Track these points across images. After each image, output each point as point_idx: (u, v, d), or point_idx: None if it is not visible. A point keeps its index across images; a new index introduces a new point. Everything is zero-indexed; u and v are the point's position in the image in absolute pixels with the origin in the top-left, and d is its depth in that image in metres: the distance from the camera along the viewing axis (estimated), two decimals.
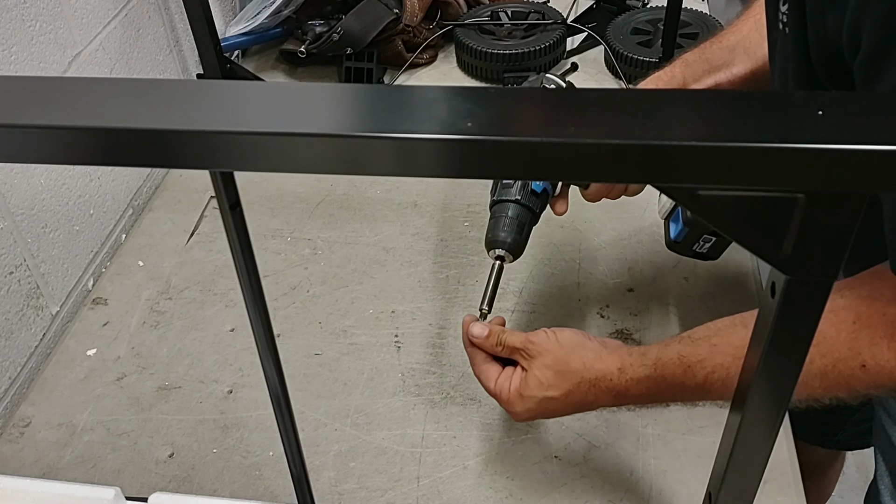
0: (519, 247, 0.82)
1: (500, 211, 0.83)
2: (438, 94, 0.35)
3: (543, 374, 0.74)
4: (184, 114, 0.35)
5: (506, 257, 0.82)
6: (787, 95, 0.32)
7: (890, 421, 0.92)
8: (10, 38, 0.92)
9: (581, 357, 0.74)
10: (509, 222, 0.82)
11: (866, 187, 0.31)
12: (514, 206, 0.83)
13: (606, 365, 0.73)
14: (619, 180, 0.31)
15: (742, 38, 0.95)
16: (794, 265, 0.34)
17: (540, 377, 0.74)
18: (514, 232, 0.82)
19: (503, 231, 0.82)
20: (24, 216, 0.95)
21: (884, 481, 0.96)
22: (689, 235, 0.83)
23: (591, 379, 0.72)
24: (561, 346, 0.75)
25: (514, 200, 0.83)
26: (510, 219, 0.82)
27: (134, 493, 0.74)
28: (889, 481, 0.95)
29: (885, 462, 0.96)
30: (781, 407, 0.40)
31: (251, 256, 0.46)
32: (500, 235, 0.82)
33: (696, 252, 0.84)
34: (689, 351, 0.70)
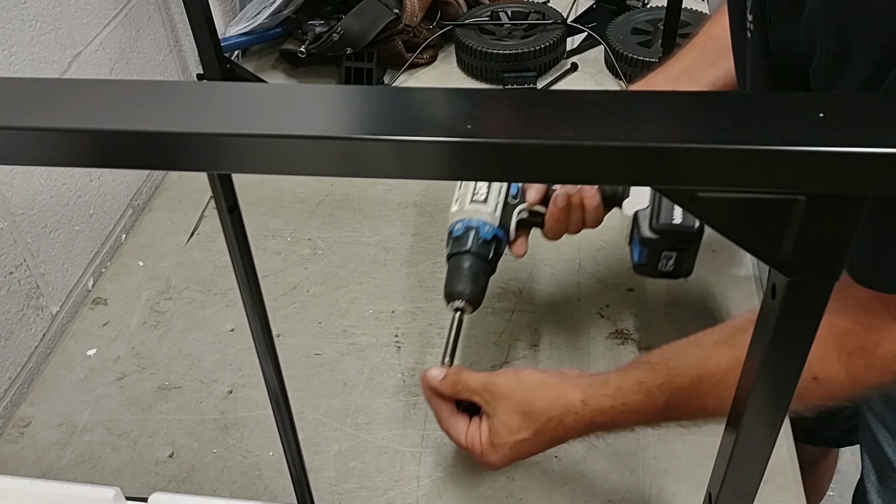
0: (477, 297, 0.83)
1: (456, 263, 0.84)
2: (438, 96, 0.35)
3: (511, 419, 0.74)
4: (180, 116, 0.35)
5: (465, 308, 0.82)
6: (787, 97, 0.32)
7: (875, 420, 0.93)
8: (10, 38, 0.92)
9: (544, 395, 0.74)
10: (466, 273, 0.83)
11: (866, 189, 0.31)
12: (469, 257, 0.83)
13: (570, 399, 0.73)
14: (618, 182, 0.31)
15: (687, 67, 0.95)
16: (794, 267, 0.34)
17: (508, 422, 0.74)
18: (472, 283, 0.82)
19: (461, 283, 0.82)
20: (24, 216, 0.95)
21: (870, 479, 0.97)
22: (649, 256, 0.83)
23: (558, 415, 0.73)
24: (523, 387, 0.75)
25: (468, 251, 0.84)
26: (466, 270, 0.83)
27: (134, 493, 0.74)
28: (875, 479, 0.96)
29: (870, 460, 0.96)
30: (782, 408, 0.40)
31: (250, 259, 0.46)
32: (458, 287, 0.82)
33: (662, 272, 0.83)
34: (647, 376, 0.71)
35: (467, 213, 0.85)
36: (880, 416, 0.92)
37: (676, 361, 0.70)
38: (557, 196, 0.85)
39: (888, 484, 0.94)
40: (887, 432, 0.92)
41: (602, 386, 0.72)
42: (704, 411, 0.69)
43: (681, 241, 0.81)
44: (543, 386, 0.74)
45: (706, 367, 0.69)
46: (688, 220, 0.81)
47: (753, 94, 0.32)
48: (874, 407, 0.93)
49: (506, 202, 0.87)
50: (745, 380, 0.41)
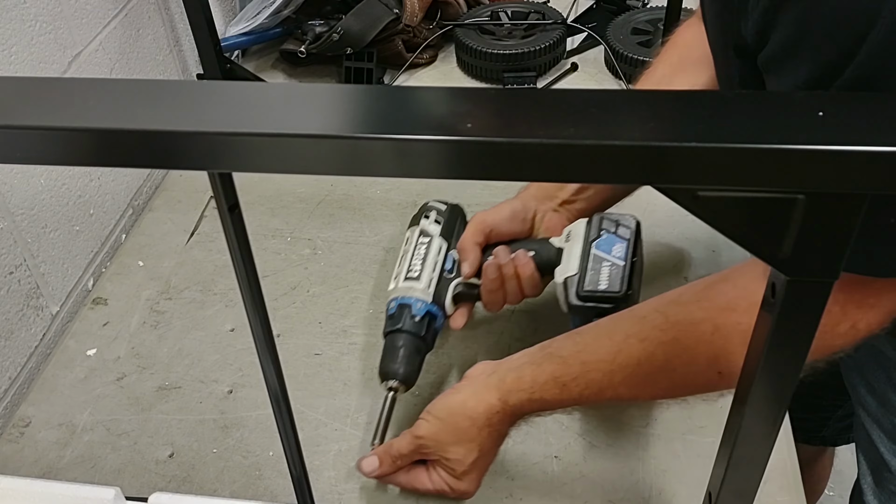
0: (411, 377, 0.83)
1: (390, 342, 0.84)
2: (438, 95, 0.35)
3: (454, 451, 0.76)
4: (181, 115, 0.35)
5: (398, 388, 0.82)
6: (787, 96, 0.32)
7: (870, 420, 0.93)
8: (10, 38, 0.92)
9: (463, 414, 0.76)
10: (400, 353, 0.83)
11: (866, 188, 0.31)
12: (402, 335, 0.84)
13: (487, 403, 0.76)
14: (619, 181, 0.31)
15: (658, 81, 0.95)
16: (793, 266, 0.34)
17: (455, 456, 0.76)
18: (405, 363, 0.83)
19: (395, 362, 0.83)
20: (24, 216, 0.95)
21: (866, 480, 0.97)
22: (582, 322, 0.83)
23: (484, 422, 0.75)
24: (443, 421, 0.77)
25: (401, 330, 0.84)
26: (400, 349, 0.83)
27: (134, 493, 0.74)
28: (871, 480, 0.96)
29: (866, 461, 0.97)
30: (782, 407, 0.40)
31: (250, 258, 0.46)
32: (392, 367, 0.83)
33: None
34: (561, 371, 0.74)
35: (401, 291, 0.86)
36: (875, 416, 0.92)
37: (588, 356, 0.73)
38: (487, 267, 0.86)
39: (884, 485, 0.94)
40: (882, 433, 0.92)
41: (517, 381, 0.75)
42: (618, 399, 0.74)
43: (607, 306, 0.81)
44: (457, 406, 0.77)
45: (618, 361, 0.71)
46: (613, 285, 0.81)
47: (753, 93, 0.32)
48: (868, 407, 0.93)
49: (441, 277, 0.88)
50: (745, 378, 0.41)
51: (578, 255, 0.84)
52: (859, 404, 0.95)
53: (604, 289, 0.81)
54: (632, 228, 0.85)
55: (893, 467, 0.91)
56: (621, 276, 0.82)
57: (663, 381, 0.71)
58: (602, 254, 0.83)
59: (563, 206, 0.93)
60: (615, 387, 0.72)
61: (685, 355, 0.68)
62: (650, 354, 0.70)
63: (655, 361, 0.70)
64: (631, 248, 0.84)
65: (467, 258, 0.87)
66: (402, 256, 0.90)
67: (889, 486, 0.93)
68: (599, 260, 0.83)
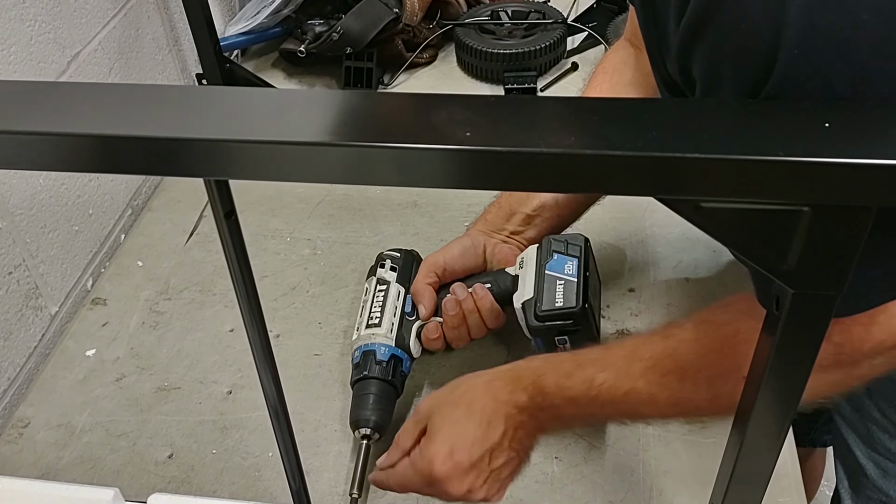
0: (384, 422, 0.83)
1: (359, 390, 0.84)
2: (437, 102, 0.34)
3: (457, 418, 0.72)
4: (176, 122, 0.35)
5: (371, 436, 0.82)
6: (793, 106, 0.32)
7: (845, 425, 0.93)
8: (9, 38, 0.92)
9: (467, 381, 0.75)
10: (371, 399, 0.83)
11: (872, 201, 0.31)
12: (370, 382, 0.84)
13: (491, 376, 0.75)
14: (619, 192, 0.31)
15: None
16: (799, 279, 0.34)
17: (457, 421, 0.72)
18: (376, 409, 0.83)
19: (366, 409, 0.83)
20: (23, 216, 0.95)
21: (843, 485, 0.97)
22: (545, 343, 0.85)
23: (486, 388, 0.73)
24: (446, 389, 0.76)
25: (368, 377, 0.84)
26: (371, 396, 0.83)
27: (133, 494, 0.74)
28: (847, 485, 0.96)
29: (843, 466, 0.97)
30: (786, 421, 0.40)
31: (247, 265, 0.46)
32: (364, 414, 0.82)
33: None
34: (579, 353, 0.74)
35: (363, 339, 0.87)
36: (850, 421, 0.92)
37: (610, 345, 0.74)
38: (446, 303, 0.86)
39: (861, 490, 0.94)
40: (857, 437, 0.92)
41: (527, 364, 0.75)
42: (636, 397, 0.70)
43: (567, 322, 0.83)
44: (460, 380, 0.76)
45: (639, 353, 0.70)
46: (569, 301, 0.82)
47: (758, 102, 0.31)
48: (844, 413, 0.93)
49: (402, 320, 0.88)
50: (748, 392, 0.41)
51: (533, 278, 0.86)
52: (835, 410, 0.95)
53: (560, 305, 0.83)
54: (580, 245, 0.87)
55: (869, 472, 0.91)
56: (576, 292, 0.83)
57: (686, 383, 0.68)
58: (555, 273, 0.85)
59: (512, 237, 0.93)
60: (634, 378, 0.69)
61: (708, 356, 0.67)
62: (672, 350, 0.68)
63: (678, 358, 0.68)
64: (582, 263, 0.86)
65: (422, 300, 0.88)
66: (361, 308, 0.90)
67: (866, 492, 0.93)
68: (553, 280, 0.84)
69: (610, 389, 0.70)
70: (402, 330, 0.88)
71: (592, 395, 0.70)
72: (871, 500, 0.93)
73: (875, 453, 0.90)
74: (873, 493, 0.92)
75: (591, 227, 1.08)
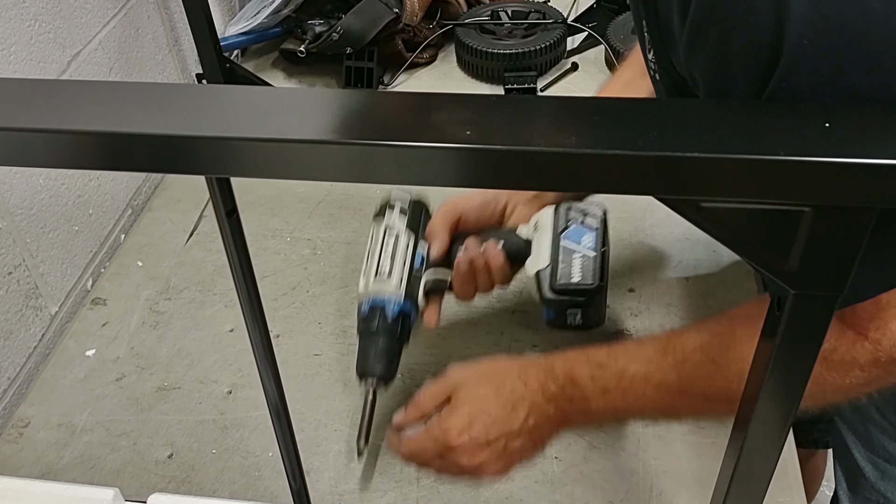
0: (390, 374, 0.84)
1: (365, 343, 0.85)
2: (438, 101, 0.34)
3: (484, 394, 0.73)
4: (179, 119, 0.35)
5: (378, 385, 0.83)
6: (794, 107, 0.32)
7: (844, 426, 0.93)
8: (10, 37, 0.92)
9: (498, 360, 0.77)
10: (377, 353, 0.84)
11: (874, 202, 0.31)
12: (377, 337, 0.84)
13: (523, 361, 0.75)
14: (620, 191, 0.31)
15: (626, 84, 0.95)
16: (800, 280, 0.34)
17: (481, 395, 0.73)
18: (382, 361, 0.83)
19: (373, 361, 0.83)
20: (23, 216, 0.95)
21: (842, 486, 0.97)
22: (556, 314, 0.84)
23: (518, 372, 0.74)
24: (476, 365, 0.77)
25: (376, 332, 0.84)
26: (378, 349, 0.83)
27: (133, 493, 0.74)
28: (846, 486, 0.96)
29: (841, 467, 0.96)
30: (787, 421, 0.40)
31: (248, 263, 0.46)
32: (369, 365, 0.83)
33: (573, 325, 0.84)
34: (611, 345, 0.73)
35: (372, 292, 0.85)
36: (849, 422, 0.92)
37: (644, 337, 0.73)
38: (459, 262, 0.86)
39: (859, 491, 0.94)
40: (856, 438, 0.91)
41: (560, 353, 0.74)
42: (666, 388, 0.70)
43: (581, 298, 0.82)
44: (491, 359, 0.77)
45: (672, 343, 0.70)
46: (586, 278, 0.81)
47: (760, 103, 0.31)
48: (843, 414, 0.93)
49: (410, 274, 0.87)
50: (749, 394, 0.41)
51: (548, 246, 0.84)
52: (835, 411, 0.95)
53: (577, 282, 0.81)
54: (599, 217, 0.85)
55: (868, 473, 0.91)
56: (593, 269, 0.82)
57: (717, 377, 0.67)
58: (572, 245, 0.83)
59: (535, 199, 0.92)
60: (665, 371, 0.69)
61: (740, 347, 0.66)
62: (705, 343, 0.67)
63: (710, 351, 0.67)
64: (600, 238, 0.83)
65: (436, 242, 0.87)
66: (369, 253, 0.89)
67: (864, 493, 0.93)
68: (570, 252, 0.82)
69: (641, 382, 0.70)
70: (410, 283, 0.86)
71: (624, 388, 0.70)
72: (868, 501, 0.93)
73: (874, 455, 0.90)
74: (871, 494, 0.92)
75: None
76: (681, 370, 0.68)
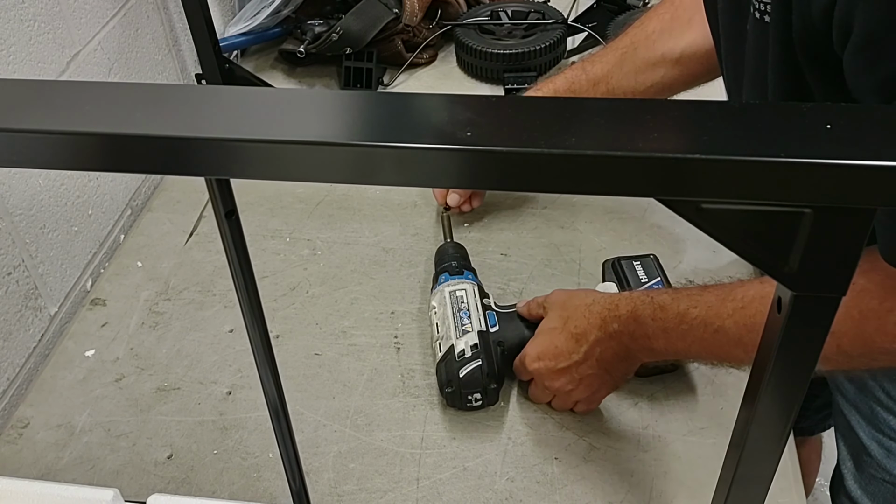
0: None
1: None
2: (438, 102, 0.34)
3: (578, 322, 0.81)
4: (178, 120, 0.35)
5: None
6: (794, 108, 0.31)
7: (848, 405, 0.93)
8: (9, 38, 0.92)
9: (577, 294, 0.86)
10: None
11: (875, 203, 0.31)
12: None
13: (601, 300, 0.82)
14: (620, 193, 0.31)
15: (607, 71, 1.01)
16: (800, 281, 0.34)
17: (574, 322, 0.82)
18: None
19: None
20: (22, 216, 0.95)
21: (846, 465, 0.97)
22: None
23: (599, 312, 0.80)
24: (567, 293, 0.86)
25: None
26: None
27: (133, 494, 0.74)
28: (851, 465, 0.97)
29: (846, 446, 0.97)
30: (788, 423, 0.40)
31: (248, 264, 0.46)
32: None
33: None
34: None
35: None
36: (853, 401, 0.93)
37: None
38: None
39: (864, 469, 0.94)
40: (861, 417, 0.92)
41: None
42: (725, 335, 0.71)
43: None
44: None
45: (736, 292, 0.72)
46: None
47: (760, 105, 0.31)
48: (846, 393, 0.94)
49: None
50: (750, 394, 0.41)
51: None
52: (837, 390, 0.95)
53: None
54: (654, 265, 0.93)
55: (873, 451, 0.92)
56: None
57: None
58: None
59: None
60: (724, 318, 0.70)
61: None
62: (766, 293, 0.68)
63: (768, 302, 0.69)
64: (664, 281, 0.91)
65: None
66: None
67: (869, 470, 0.94)
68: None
69: (700, 326, 0.72)
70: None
71: (684, 330, 0.73)
72: (874, 479, 0.93)
73: (879, 433, 0.90)
74: (877, 472, 0.92)
75: (591, 228, 1.08)
76: (738, 318, 0.70)
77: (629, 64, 0.99)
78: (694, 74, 0.98)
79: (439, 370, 0.87)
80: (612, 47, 1.03)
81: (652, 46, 0.98)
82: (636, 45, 0.99)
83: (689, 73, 0.98)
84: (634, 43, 1.00)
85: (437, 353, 0.88)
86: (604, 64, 1.02)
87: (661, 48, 0.97)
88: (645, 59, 0.98)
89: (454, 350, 0.85)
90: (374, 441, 0.86)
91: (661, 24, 0.97)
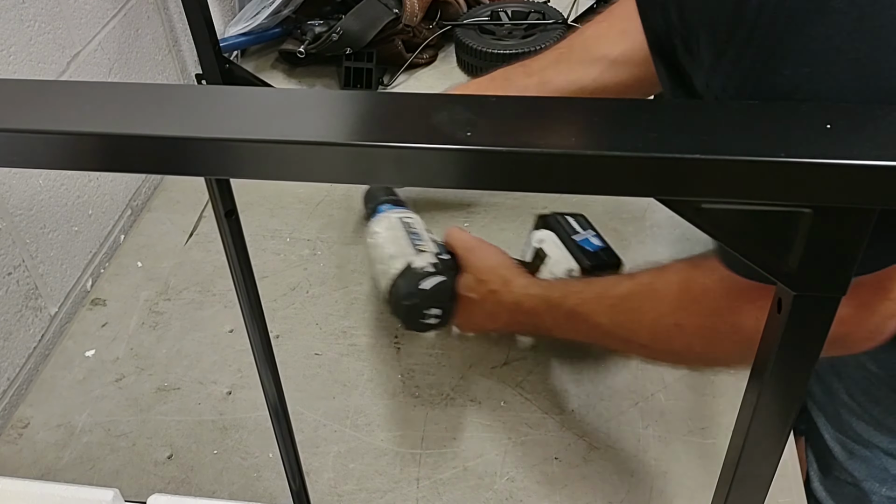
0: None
1: None
2: (438, 102, 0.34)
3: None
4: (178, 120, 0.35)
5: None
6: (794, 108, 0.31)
7: (815, 408, 0.94)
8: (9, 38, 0.92)
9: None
10: None
11: (874, 203, 0.31)
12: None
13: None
14: (620, 193, 0.31)
15: (543, 68, 1.01)
16: (800, 281, 0.34)
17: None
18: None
19: None
20: (22, 216, 0.95)
21: (813, 467, 0.98)
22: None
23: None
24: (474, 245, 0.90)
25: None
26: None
27: (133, 494, 0.74)
28: (816, 467, 0.97)
29: (812, 449, 0.98)
30: (788, 423, 0.40)
31: (248, 264, 0.46)
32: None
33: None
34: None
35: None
36: (820, 404, 0.94)
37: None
38: None
39: (829, 471, 0.95)
40: (826, 420, 0.93)
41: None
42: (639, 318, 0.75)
43: (616, 260, 0.91)
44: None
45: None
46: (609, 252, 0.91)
47: (760, 104, 0.31)
48: (815, 396, 0.95)
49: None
50: (749, 393, 0.41)
51: (564, 247, 0.91)
52: (807, 393, 0.96)
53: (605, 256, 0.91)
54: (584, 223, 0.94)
55: (837, 454, 0.93)
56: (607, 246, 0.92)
57: (634, 325, 0.74)
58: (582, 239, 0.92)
59: None
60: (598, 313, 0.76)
61: (656, 301, 0.72)
62: (632, 292, 0.74)
63: (632, 300, 0.74)
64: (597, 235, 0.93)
65: None
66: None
67: (833, 473, 0.94)
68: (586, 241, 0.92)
69: (583, 321, 0.78)
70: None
71: (570, 327, 0.80)
72: (839, 481, 0.94)
73: (843, 435, 0.92)
74: (841, 474, 0.93)
75: None
76: (610, 314, 0.76)
77: (564, 63, 1.00)
78: (633, 80, 0.97)
79: (396, 285, 0.85)
80: (552, 49, 1.03)
81: (588, 48, 0.98)
82: (573, 46, 1.00)
83: (628, 78, 0.97)
84: (571, 45, 1.01)
85: (391, 271, 0.87)
86: (541, 61, 1.02)
87: (597, 51, 0.97)
88: (580, 59, 0.98)
89: (412, 266, 0.85)
90: (374, 441, 0.86)
91: (599, 31, 0.98)
